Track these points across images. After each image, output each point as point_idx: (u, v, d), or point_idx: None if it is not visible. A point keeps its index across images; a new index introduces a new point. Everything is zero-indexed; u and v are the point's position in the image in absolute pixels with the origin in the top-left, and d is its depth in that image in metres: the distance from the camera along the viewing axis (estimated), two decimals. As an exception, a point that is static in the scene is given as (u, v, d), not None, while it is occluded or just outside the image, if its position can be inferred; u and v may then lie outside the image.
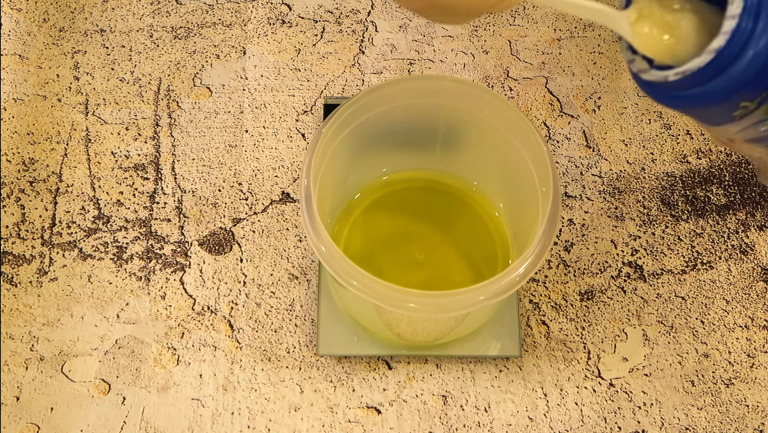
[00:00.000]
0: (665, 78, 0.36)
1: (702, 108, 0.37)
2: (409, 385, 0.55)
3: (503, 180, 0.54)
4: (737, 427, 0.54)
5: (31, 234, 0.59)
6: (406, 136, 0.54)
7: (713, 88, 0.35)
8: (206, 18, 0.67)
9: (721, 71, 0.34)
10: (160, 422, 0.54)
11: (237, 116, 0.64)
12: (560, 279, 0.58)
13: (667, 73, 0.35)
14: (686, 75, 0.35)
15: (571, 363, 0.56)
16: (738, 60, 0.33)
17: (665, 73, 0.36)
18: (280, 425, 0.54)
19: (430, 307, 0.44)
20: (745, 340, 0.57)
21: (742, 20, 0.33)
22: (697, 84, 0.35)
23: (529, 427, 0.54)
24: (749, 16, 0.33)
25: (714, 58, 0.34)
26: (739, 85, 0.34)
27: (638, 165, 0.62)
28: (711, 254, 0.59)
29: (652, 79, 0.37)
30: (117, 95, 0.64)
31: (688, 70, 0.34)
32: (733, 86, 0.34)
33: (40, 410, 0.54)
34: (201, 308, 0.57)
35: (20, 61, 0.65)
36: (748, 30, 0.33)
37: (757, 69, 0.33)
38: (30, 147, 0.62)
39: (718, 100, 0.36)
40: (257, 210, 0.60)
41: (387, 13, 0.68)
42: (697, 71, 0.34)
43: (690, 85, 0.35)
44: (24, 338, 0.56)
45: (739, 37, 0.33)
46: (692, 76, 0.35)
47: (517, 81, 0.65)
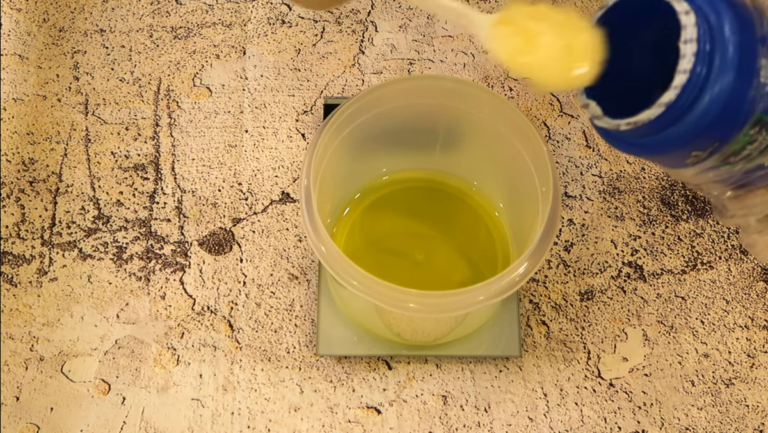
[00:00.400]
0: (617, 127, 0.36)
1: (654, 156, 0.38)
2: (409, 385, 0.55)
3: (503, 180, 0.54)
4: (737, 427, 0.54)
5: (31, 234, 0.59)
6: (406, 136, 0.54)
7: (663, 140, 0.35)
8: (206, 18, 0.67)
9: (671, 123, 0.34)
10: (160, 422, 0.54)
11: (237, 116, 0.64)
12: (560, 279, 0.58)
13: (619, 122, 0.36)
14: (637, 126, 0.35)
15: (571, 363, 0.56)
16: (687, 113, 0.34)
17: (617, 122, 0.36)
18: (280, 425, 0.54)
19: (430, 307, 0.44)
20: (745, 340, 0.57)
21: (692, 75, 0.33)
22: (648, 134, 0.36)
23: (529, 427, 0.54)
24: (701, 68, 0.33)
25: (664, 112, 0.34)
26: (688, 138, 0.35)
27: (638, 165, 0.62)
28: (711, 254, 0.60)
29: (604, 126, 0.37)
30: (117, 95, 0.64)
31: (639, 122, 0.35)
32: (682, 138, 0.35)
33: (40, 410, 0.54)
34: (201, 308, 0.57)
35: (20, 61, 0.65)
36: (698, 84, 0.33)
37: (706, 124, 0.34)
38: (30, 147, 0.62)
39: (668, 150, 0.36)
40: (257, 210, 0.60)
41: (387, 13, 0.68)
42: (647, 123, 0.35)
43: (641, 135, 0.36)
44: (24, 338, 0.56)
45: (690, 91, 0.33)
46: (643, 127, 0.35)
47: (517, 81, 0.65)
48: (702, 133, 0.34)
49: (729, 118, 0.34)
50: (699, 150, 0.36)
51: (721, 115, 0.33)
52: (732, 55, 0.33)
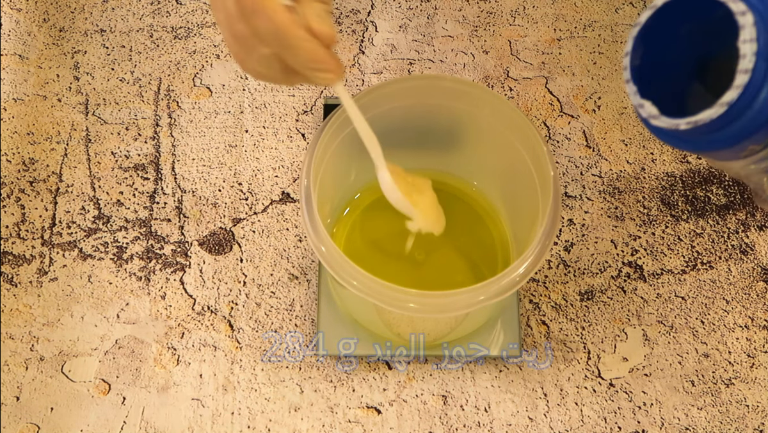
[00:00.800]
0: (676, 126, 0.36)
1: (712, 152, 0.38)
2: (409, 385, 0.55)
3: (503, 180, 0.54)
4: (737, 427, 0.54)
5: (31, 234, 0.59)
6: (406, 136, 0.53)
7: (723, 137, 0.36)
8: (206, 18, 0.67)
9: (731, 121, 0.35)
10: (160, 422, 0.54)
11: (237, 116, 0.64)
12: (560, 279, 0.58)
13: (678, 122, 0.36)
14: (697, 125, 0.35)
15: (571, 363, 0.56)
16: (747, 111, 0.34)
17: (676, 122, 0.36)
18: (280, 425, 0.54)
19: (430, 307, 0.44)
20: (745, 340, 0.57)
21: (754, 74, 0.34)
22: (708, 132, 0.36)
23: (529, 427, 0.54)
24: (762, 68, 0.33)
25: (726, 111, 0.34)
26: (747, 134, 0.35)
27: (638, 165, 0.62)
28: (711, 254, 0.59)
29: (661, 126, 0.37)
30: (117, 95, 0.64)
31: (700, 121, 0.35)
32: (742, 135, 0.35)
33: (40, 410, 0.54)
34: (201, 308, 0.57)
35: (20, 61, 0.65)
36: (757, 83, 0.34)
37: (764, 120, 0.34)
38: (30, 147, 0.62)
39: (727, 146, 0.37)
40: (257, 210, 0.60)
41: (387, 13, 0.68)
42: (708, 122, 0.35)
43: (701, 133, 0.36)
44: (24, 338, 0.56)
45: (750, 91, 0.34)
46: (703, 126, 0.35)
47: (517, 81, 0.65)
48: (760, 129, 0.35)
49: None
50: (756, 144, 0.36)
51: None
52: None
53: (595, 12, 0.68)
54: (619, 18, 0.68)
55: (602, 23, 0.68)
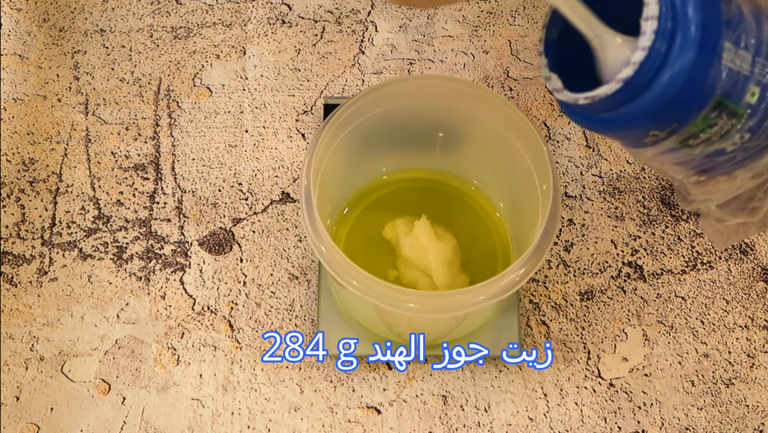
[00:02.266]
0: (575, 100, 0.36)
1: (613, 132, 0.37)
2: (409, 385, 0.55)
3: (503, 180, 0.54)
4: (737, 427, 0.54)
5: (31, 234, 0.59)
6: (406, 136, 0.54)
7: (621, 116, 0.35)
8: (206, 18, 0.67)
9: (629, 100, 0.34)
10: (160, 422, 0.54)
11: (237, 116, 0.64)
12: (560, 279, 0.58)
13: (577, 96, 0.36)
14: (594, 100, 0.35)
15: (571, 363, 0.56)
16: (645, 91, 0.33)
17: (575, 96, 0.36)
18: (280, 425, 0.54)
19: (430, 307, 0.44)
20: (745, 340, 0.57)
21: (651, 53, 0.33)
22: (606, 110, 0.35)
23: (529, 427, 0.54)
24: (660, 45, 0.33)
25: (621, 87, 0.34)
26: (646, 116, 0.34)
27: (638, 165, 0.62)
28: (711, 254, 0.60)
29: (563, 99, 0.37)
30: (117, 95, 0.64)
31: (596, 96, 0.35)
32: (640, 116, 0.34)
33: (40, 410, 0.54)
34: (201, 308, 0.57)
35: (20, 61, 0.65)
36: (657, 62, 0.33)
37: (664, 103, 0.33)
38: (30, 147, 0.62)
39: (626, 127, 0.36)
40: (257, 210, 0.60)
41: (387, 13, 0.68)
42: (605, 98, 0.34)
43: (599, 110, 0.35)
44: (24, 338, 0.56)
45: (648, 68, 0.33)
46: (600, 102, 0.35)
47: (517, 81, 0.65)
48: (660, 112, 0.34)
49: (688, 98, 0.33)
50: (657, 130, 0.35)
51: (679, 95, 0.33)
52: (694, 35, 0.32)
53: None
54: (619, 18, 0.68)
55: (602, 23, 0.68)
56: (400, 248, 0.54)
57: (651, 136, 0.36)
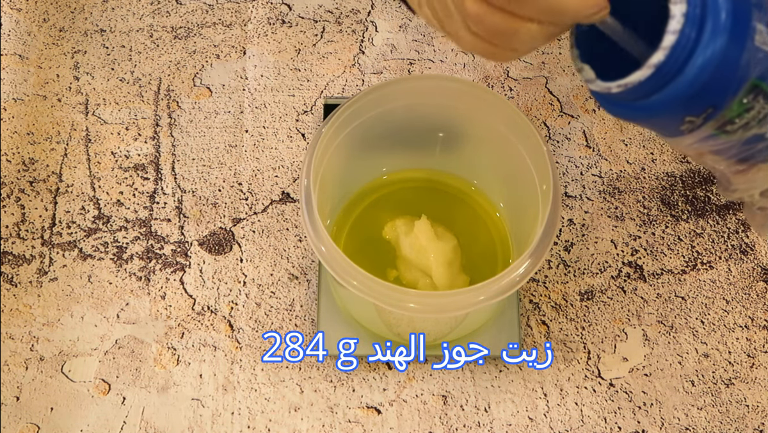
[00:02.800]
0: (608, 89, 0.35)
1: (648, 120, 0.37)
2: (409, 385, 0.55)
3: (503, 180, 0.54)
4: (737, 427, 0.54)
5: (31, 234, 0.59)
6: (406, 136, 0.54)
7: (655, 103, 0.34)
8: (206, 18, 0.67)
9: (662, 86, 0.34)
10: (160, 422, 0.54)
11: (237, 116, 0.64)
12: (560, 279, 0.58)
13: (610, 85, 0.35)
14: (627, 88, 0.34)
15: (571, 363, 0.56)
16: (678, 76, 0.33)
17: (609, 85, 0.35)
18: (280, 425, 0.54)
19: (430, 307, 0.44)
20: (745, 340, 0.57)
21: (681, 37, 0.32)
22: (640, 97, 0.35)
23: (529, 427, 0.54)
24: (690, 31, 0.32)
25: (654, 73, 0.33)
26: (680, 102, 0.34)
27: (638, 165, 0.62)
28: (711, 254, 0.59)
29: (596, 90, 0.36)
30: (117, 95, 0.64)
31: (629, 84, 0.34)
32: (674, 102, 0.34)
33: (40, 410, 0.54)
34: (201, 308, 0.57)
35: (20, 61, 0.65)
36: (688, 47, 0.32)
37: (697, 88, 0.33)
38: (30, 147, 0.62)
39: (661, 114, 0.35)
40: (257, 210, 0.60)
41: (387, 13, 0.68)
42: (637, 85, 0.34)
43: (633, 98, 0.35)
44: (24, 338, 0.56)
45: (679, 53, 0.32)
46: (633, 89, 0.34)
47: (517, 81, 0.65)
48: (693, 98, 0.33)
49: (721, 82, 0.33)
50: (692, 116, 0.35)
51: (712, 79, 0.33)
52: (725, 18, 0.32)
53: None
54: (619, 18, 0.68)
55: (602, 23, 0.68)
56: (400, 248, 0.54)
57: (687, 123, 0.35)
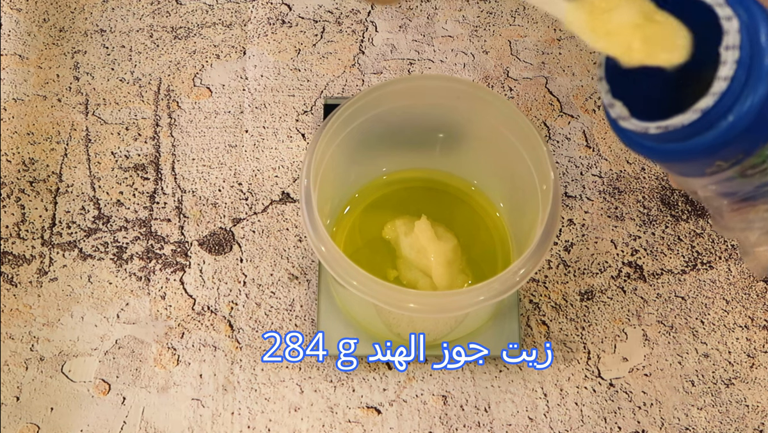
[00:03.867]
0: (645, 129, 0.35)
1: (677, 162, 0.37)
2: (409, 385, 0.55)
3: (503, 180, 0.54)
4: (737, 427, 0.54)
5: (31, 234, 0.59)
6: (406, 136, 0.53)
7: (692, 146, 0.34)
8: (206, 18, 0.67)
9: (703, 130, 0.33)
10: (160, 422, 0.54)
11: (237, 116, 0.64)
12: (560, 279, 0.58)
13: (648, 125, 0.35)
14: (667, 130, 0.34)
15: (571, 363, 0.56)
16: (721, 121, 0.33)
17: (646, 125, 0.35)
18: (280, 425, 0.54)
19: (430, 307, 0.44)
20: (745, 340, 0.57)
21: (733, 83, 0.32)
22: (677, 140, 0.35)
23: (529, 427, 0.54)
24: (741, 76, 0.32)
25: (699, 118, 0.33)
26: (717, 147, 0.34)
27: (638, 165, 0.62)
28: (711, 254, 0.60)
29: (631, 129, 0.36)
30: (117, 95, 0.64)
31: (671, 126, 0.34)
32: (712, 147, 0.34)
33: (40, 410, 0.54)
34: (201, 308, 0.57)
35: (20, 61, 0.65)
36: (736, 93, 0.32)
37: (737, 134, 0.33)
38: (30, 147, 0.62)
39: (694, 158, 0.35)
40: (257, 210, 0.60)
41: (387, 13, 0.68)
42: (680, 128, 0.34)
43: (669, 140, 0.35)
44: (24, 338, 0.56)
45: (727, 100, 0.32)
46: (673, 132, 0.34)
47: (517, 81, 0.65)
48: (731, 143, 0.33)
49: (759, 128, 0.33)
50: (723, 160, 0.35)
51: (752, 125, 0.33)
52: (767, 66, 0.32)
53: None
54: (619, 18, 0.68)
55: (602, 23, 0.68)
56: (400, 248, 0.54)
57: (715, 167, 0.35)
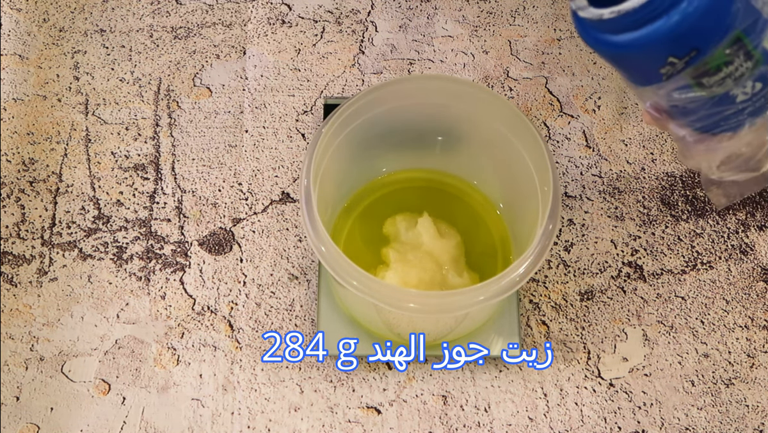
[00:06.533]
0: (600, 16, 0.36)
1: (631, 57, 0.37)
2: (409, 385, 0.55)
3: (503, 180, 0.55)
4: (737, 427, 0.54)
5: (31, 234, 0.59)
6: (406, 136, 0.54)
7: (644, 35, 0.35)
8: (206, 18, 0.67)
9: (654, 17, 0.34)
10: (160, 422, 0.54)
11: (237, 116, 0.64)
12: (560, 279, 0.58)
13: (603, 12, 0.36)
14: (621, 14, 0.35)
15: (571, 363, 0.56)
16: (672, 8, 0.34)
17: (601, 12, 0.36)
18: (280, 425, 0.54)
19: (430, 307, 0.44)
20: (745, 340, 0.57)
21: None
22: (629, 28, 0.35)
23: (529, 427, 0.54)
24: None
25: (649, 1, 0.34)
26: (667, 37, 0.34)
27: (638, 165, 0.62)
28: (711, 254, 0.60)
29: (587, 17, 0.37)
30: (117, 95, 0.64)
31: (622, 10, 0.35)
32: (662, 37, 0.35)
33: (40, 410, 0.54)
34: (201, 308, 0.57)
35: (20, 61, 0.65)
36: None
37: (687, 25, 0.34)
38: (30, 147, 0.62)
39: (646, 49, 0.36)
40: (257, 210, 0.60)
41: (387, 13, 0.68)
42: (631, 11, 0.34)
43: (623, 28, 0.36)
44: (24, 338, 0.56)
45: None
46: (626, 15, 0.35)
47: (517, 81, 0.65)
48: (682, 35, 0.34)
49: (711, 24, 0.34)
50: (676, 56, 0.35)
51: (703, 18, 0.34)
52: None
53: None
54: (619, 18, 0.68)
55: (602, 23, 0.68)
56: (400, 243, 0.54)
57: (668, 65, 0.36)
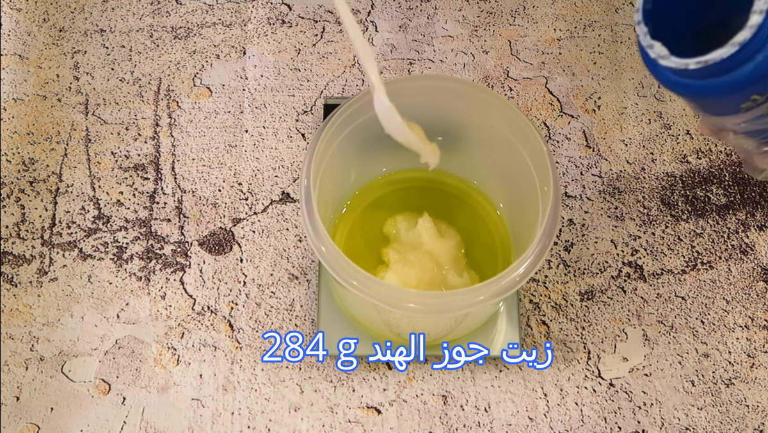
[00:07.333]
0: (686, 66, 0.36)
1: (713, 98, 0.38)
2: (409, 385, 0.55)
3: (503, 180, 0.54)
4: (737, 427, 0.54)
5: (31, 234, 0.59)
6: (406, 136, 0.53)
7: (729, 80, 0.35)
8: (206, 18, 0.67)
9: (741, 63, 0.35)
10: (160, 422, 0.54)
11: (237, 116, 0.64)
12: (560, 279, 0.58)
13: (688, 62, 0.36)
14: (707, 65, 0.35)
15: (571, 363, 0.56)
16: (758, 54, 0.34)
17: (686, 62, 0.36)
18: (280, 425, 0.54)
19: (430, 307, 0.44)
20: (745, 340, 0.57)
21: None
22: (716, 74, 0.36)
23: (529, 427, 0.54)
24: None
25: (737, 51, 0.34)
26: (755, 79, 0.35)
27: (638, 165, 0.62)
28: (711, 254, 0.60)
29: (671, 66, 0.37)
30: (117, 95, 0.64)
31: (710, 60, 0.35)
32: (752, 79, 0.35)
33: (40, 410, 0.54)
34: (201, 308, 0.57)
35: (20, 61, 0.65)
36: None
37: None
38: (30, 147, 0.62)
39: (733, 91, 0.36)
40: (257, 210, 0.60)
41: (387, 13, 0.68)
42: (719, 62, 0.35)
43: (708, 75, 0.36)
44: (24, 338, 0.56)
45: (763, 32, 0.34)
46: (712, 66, 0.35)
47: (517, 81, 0.65)
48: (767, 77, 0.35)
49: None
50: (759, 94, 0.36)
51: None
52: None
53: (595, 12, 0.68)
54: (619, 18, 0.68)
55: (602, 23, 0.68)
56: (401, 242, 0.54)
57: (750, 101, 0.37)
